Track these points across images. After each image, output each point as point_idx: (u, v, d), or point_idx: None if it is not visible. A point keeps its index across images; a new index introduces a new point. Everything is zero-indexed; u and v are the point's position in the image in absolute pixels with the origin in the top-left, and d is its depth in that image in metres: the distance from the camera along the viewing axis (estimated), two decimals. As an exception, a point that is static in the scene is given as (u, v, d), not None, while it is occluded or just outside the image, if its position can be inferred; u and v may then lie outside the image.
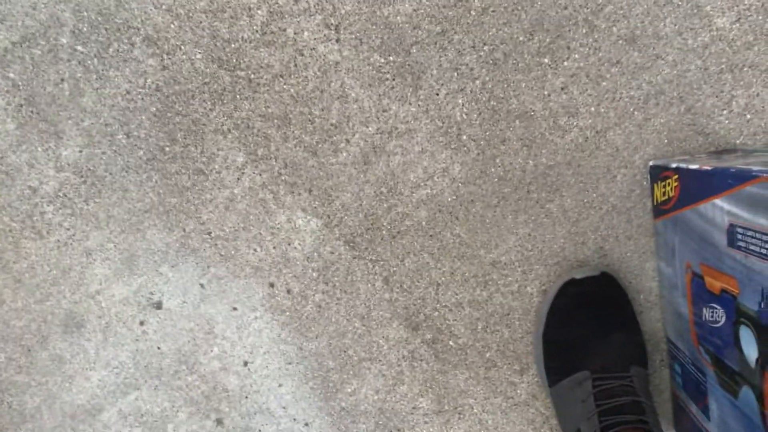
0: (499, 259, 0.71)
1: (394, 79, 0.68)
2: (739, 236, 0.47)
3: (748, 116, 0.63)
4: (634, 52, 0.64)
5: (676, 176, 0.58)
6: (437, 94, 0.67)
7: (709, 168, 0.51)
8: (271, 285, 0.75)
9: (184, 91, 0.70)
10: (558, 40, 0.65)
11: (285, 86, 0.69)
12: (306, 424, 0.78)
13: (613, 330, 0.64)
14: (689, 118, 0.64)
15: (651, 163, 0.65)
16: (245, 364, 0.77)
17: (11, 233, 0.75)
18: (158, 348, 0.78)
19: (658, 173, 0.63)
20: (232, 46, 0.69)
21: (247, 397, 0.78)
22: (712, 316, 0.54)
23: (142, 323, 0.78)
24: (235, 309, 0.76)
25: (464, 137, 0.68)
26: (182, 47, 0.69)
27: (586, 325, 0.64)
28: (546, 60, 0.65)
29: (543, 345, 0.68)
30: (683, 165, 0.56)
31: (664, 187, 0.61)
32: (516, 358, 0.73)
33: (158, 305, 0.77)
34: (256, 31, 0.68)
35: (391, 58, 0.67)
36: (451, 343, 0.73)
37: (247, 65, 0.69)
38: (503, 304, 0.72)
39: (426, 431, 0.76)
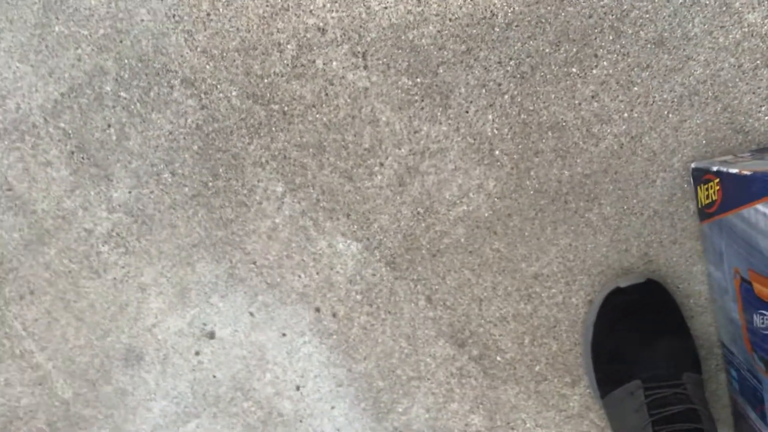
0: (541, 271, 0.72)
1: (423, 100, 0.71)
2: (784, 241, 0.47)
3: (789, 110, 0.63)
4: (663, 54, 0.65)
5: (717, 179, 0.59)
6: (467, 112, 0.70)
7: (748, 173, 0.52)
8: (317, 310, 0.78)
9: (222, 128, 0.75)
10: (585, 49, 0.66)
11: (318, 115, 0.73)
12: (360, 446, 0.81)
13: (662, 337, 0.65)
14: (726, 116, 0.65)
15: (693, 165, 0.65)
16: (297, 388, 0.81)
17: (71, 274, 0.82)
18: (214, 376, 0.83)
19: (700, 176, 0.64)
20: (265, 81, 0.73)
21: (301, 421, 0.82)
22: (762, 323, 0.54)
23: (197, 353, 0.83)
24: (284, 335, 0.80)
25: (497, 152, 0.70)
26: (218, 86, 0.74)
27: (634, 334, 0.65)
28: (574, 69, 0.67)
29: (592, 356, 0.69)
30: (723, 168, 0.57)
31: (707, 190, 0.62)
32: (566, 371, 0.74)
33: (211, 335, 0.82)
34: (287, 65, 0.72)
35: (418, 80, 0.70)
36: (498, 358, 0.76)
37: (281, 98, 0.73)
38: (549, 316, 0.73)
39: (480, 448, 0.78)
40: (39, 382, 0.86)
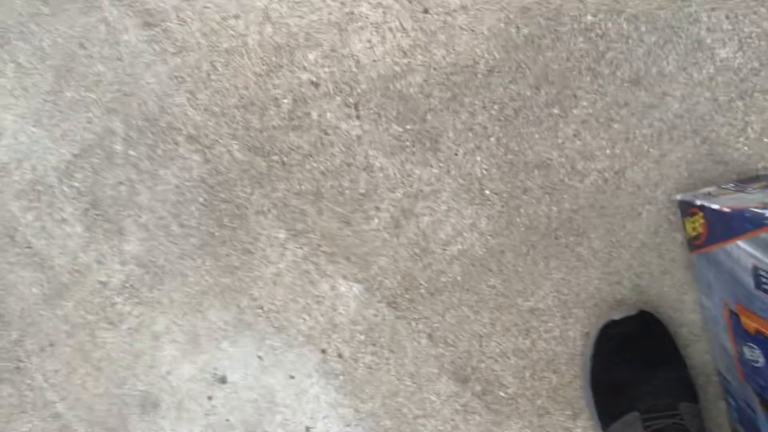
0: (537, 306, 0.76)
1: (414, 145, 0.76)
2: (764, 279, 0.49)
3: (766, 140, 0.66)
4: (640, 92, 0.69)
5: (701, 213, 0.62)
6: (456, 154, 0.75)
7: (728, 210, 0.54)
8: (323, 351, 0.82)
9: (226, 180, 0.81)
10: (564, 91, 0.71)
11: (315, 164, 0.78)
12: (371, 485, 0.84)
13: (658, 367, 0.67)
14: (706, 149, 0.68)
15: (678, 198, 0.69)
16: (307, 429, 0.85)
17: (88, 326, 0.88)
18: (227, 420, 0.87)
19: (686, 208, 0.67)
20: (264, 134, 0.79)
21: (313, 462, 0.86)
22: (752, 356, 0.56)
23: (210, 398, 0.87)
24: (292, 377, 0.84)
25: (487, 192, 0.74)
26: (220, 141, 0.80)
27: (630, 365, 0.68)
28: (555, 110, 0.71)
29: (591, 389, 0.71)
30: (706, 203, 0.60)
31: (693, 223, 0.65)
32: (567, 403, 0.76)
33: (223, 379, 0.87)
34: (284, 118, 0.78)
35: (408, 127, 0.75)
36: (501, 393, 0.78)
37: (279, 149, 0.79)
38: (547, 350, 0.76)
39: (489, 484, 0.81)
40: (60, 431, 0.91)
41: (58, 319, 0.88)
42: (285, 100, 0.78)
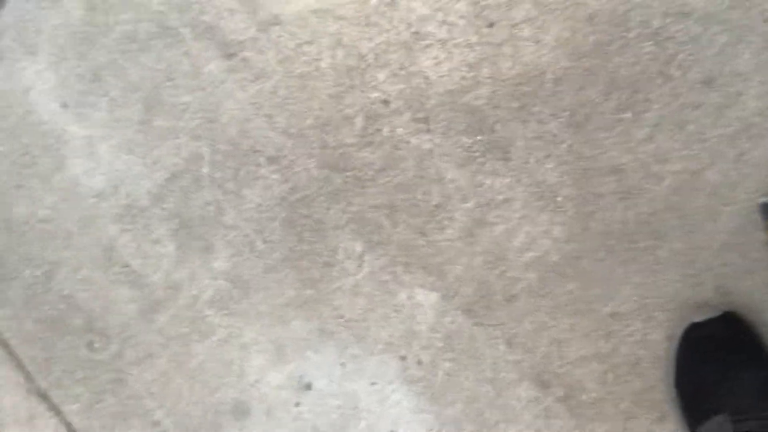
0: (617, 310, 0.76)
1: (484, 156, 0.78)
2: None
3: None
4: (713, 93, 0.69)
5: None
6: (527, 163, 0.76)
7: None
8: (403, 358, 0.86)
9: (304, 197, 0.86)
10: (635, 95, 0.71)
11: (388, 178, 0.82)
12: (455, 489, 0.87)
13: (744, 368, 0.67)
14: (787, 146, 0.67)
15: (761, 201, 0.68)
16: (391, 434, 0.89)
17: (182, 338, 0.94)
18: (313, 426, 0.92)
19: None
20: (339, 151, 0.83)
21: (397, 466, 0.89)
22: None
23: (297, 404, 0.92)
24: (374, 384, 0.88)
25: (559, 199, 0.76)
26: (298, 160, 0.85)
27: (716, 367, 0.68)
28: (627, 115, 0.72)
29: (677, 392, 0.71)
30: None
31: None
32: (653, 407, 0.77)
33: (308, 387, 0.91)
34: (357, 136, 0.82)
35: (478, 138, 0.78)
36: (583, 397, 0.79)
37: (353, 165, 0.83)
38: (629, 354, 0.77)
39: (574, 488, 0.82)
40: (159, 437, 0.98)
41: (154, 332, 0.95)
42: (357, 119, 0.81)
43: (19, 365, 1.01)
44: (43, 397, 1.01)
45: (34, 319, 0.99)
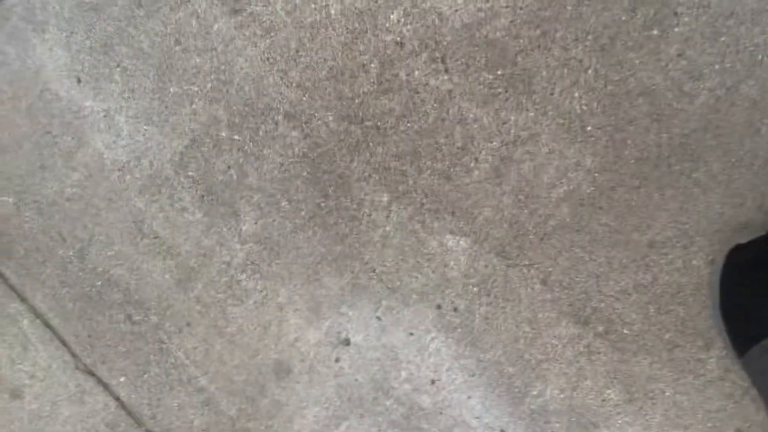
0: (655, 239, 0.74)
1: (506, 91, 0.75)
2: None
3: None
4: (747, -2, 0.65)
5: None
6: (552, 94, 0.74)
7: None
8: (438, 306, 0.85)
9: (325, 152, 0.85)
10: (663, 9, 0.68)
11: (409, 125, 0.80)
12: (501, 431, 0.87)
13: (793, 289, 0.64)
14: (830, 48, 0.63)
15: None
16: (432, 382, 0.89)
17: (218, 304, 0.96)
18: (356, 380, 0.93)
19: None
20: (356, 101, 0.82)
21: (441, 413, 0.89)
22: None
23: (337, 360, 0.93)
24: (411, 334, 0.88)
25: (589, 128, 0.73)
26: (316, 114, 0.84)
27: (762, 289, 0.66)
28: (655, 32, 0.69)
29: (722, 317, 0.70)
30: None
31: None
32: (698, 335, 0.75)
33: (347, 342, 0.92)
34: (374, 83, 0.80)
35: (499, 72, 0.75)
36: (625, 331, 0.78)
37: (372, 115, 0.81)
38: (670, 282, 0.75)
39: (621, 422, 0.81)
40: (206, 403, 1.00)
41: (191, 300, 0.96)
42: (372, 65, 0.80)
43: (64, 344, 1.04)
44: (90, 373, 1.04)
45: (72, 297, 1.01)
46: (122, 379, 1.04)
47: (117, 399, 1.05)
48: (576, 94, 0.73)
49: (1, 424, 1.06)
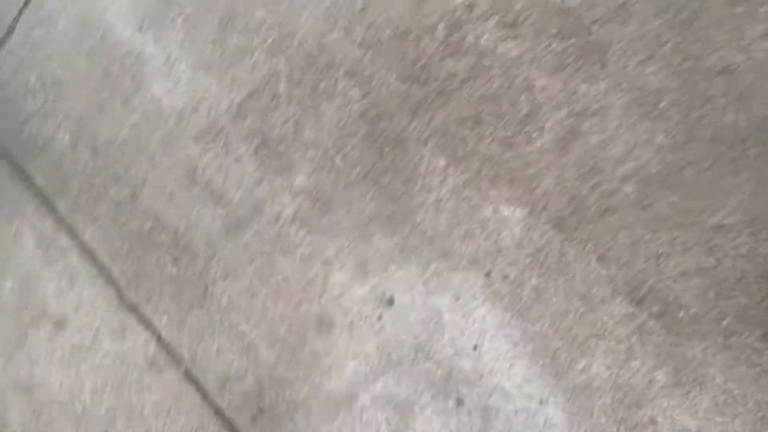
0: (723, 222, 0.73)
1: (578, 61, 0.74)
2: None
3: None
4: None
5: None
6: (626, 67, 0.72)
7: None
8: (488, 274, 0.86)
9: (385, 111, 0.84)
10: (755, -17, 0.65)
11: (473, 89, 0.79)
12: (541, 402, 0.88)
13: None
14: None
15: None
16: (475, 348, 0.90)
17: (265, 254, 0.98)
18: (396, 339, 0.94)
19: None
20: (420, 63, 0.81)
21: (481, 378, 0.91)
22: None
23: (380, 318, 0.95)
24: (458, 299, 0.89)
25: (663, 104, 0.71)
26: (377, 74, 0.83)
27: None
28: (739, 9, 0.66)
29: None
30: None
31: None
32: (758, 324, 0.74)
33: (391, 301, 0.93)
34: (439, 45, 0.79)
35: (572, 41, 0.73)
36: (681, 313, 0.78)
37: (436, 77, 0.80)
38: (734, 268, 0.74)
39: (666, 404, 0.81)
40: (246, 349, 1.04)
41: (239, 248, 0.98)
42: (439, 27, 0.78)
43: (110, 280, 1.08)
44: (134, 310, 1.08)
45: (121, 236, 1.04)
46: (165, 319, 1.08)
47: (158, 337, 1.09)
48: (651, 69, 0.71)
49: (44, 353, 1.11)
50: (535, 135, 0.78)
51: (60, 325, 1.11)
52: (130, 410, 1.06)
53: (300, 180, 0.92)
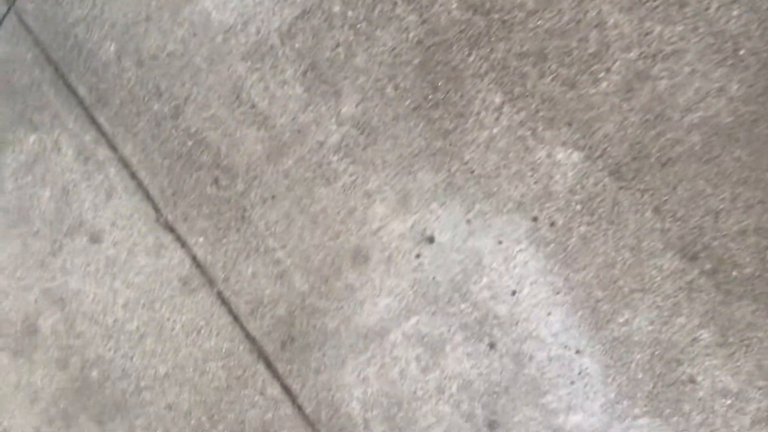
0: (791, 182, 0.70)
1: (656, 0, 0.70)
2: None
3: None
4: None
5: None
6: (707, 9, 0.68)
7: None
8: (534, 219, 0.84)
9: (442, 41, 0.81)
10: None
11: (539, 22, 0.76)
12: (577, 352, 0.88)
13: None
14: None
15: None
16: (513, 293, 0.90)
17: (306, 182, 0.97)
18: (433, 278, 0.94)
19: None
20: (485, -11, 0.77)
21: (517, 324, 0.91)
22: None
23: (418, 256, 0.94)
24: (500, 242, 0.88)
25: (742, 52, 0.68)
26: (438, 0, 0.80)
27: None
28: None
29: None
30: None
31: None
32: (814, 290, 0.72)
33: (431, 239, 0.93)
34: (508, -29, 0.75)
35: (653, -24, 0.69)
36: (734, 273, 0.76)
37: (501, 7, 0.77)
38: (797, 231, 0.72)
39: (708, 363, 0.81)
40: (280, 275, 1.05)
41: (279, 174, 0.98)
42: (511, -50, 0.74)
43: (148, 197, 1.09)
44: (170, 229, 1.09)
45: (162, 153, 1.04)
46: (201, 239, 1.09)
47: (193, 258, 1.10)
48: (735, 13, 0.67)
49: (78, 265, 1.13)
50: (601, 75, 0.75)
51: (96, 238, 1.13)
52: (160, 328, 1.08)
53: (347, 108, 0.90)
